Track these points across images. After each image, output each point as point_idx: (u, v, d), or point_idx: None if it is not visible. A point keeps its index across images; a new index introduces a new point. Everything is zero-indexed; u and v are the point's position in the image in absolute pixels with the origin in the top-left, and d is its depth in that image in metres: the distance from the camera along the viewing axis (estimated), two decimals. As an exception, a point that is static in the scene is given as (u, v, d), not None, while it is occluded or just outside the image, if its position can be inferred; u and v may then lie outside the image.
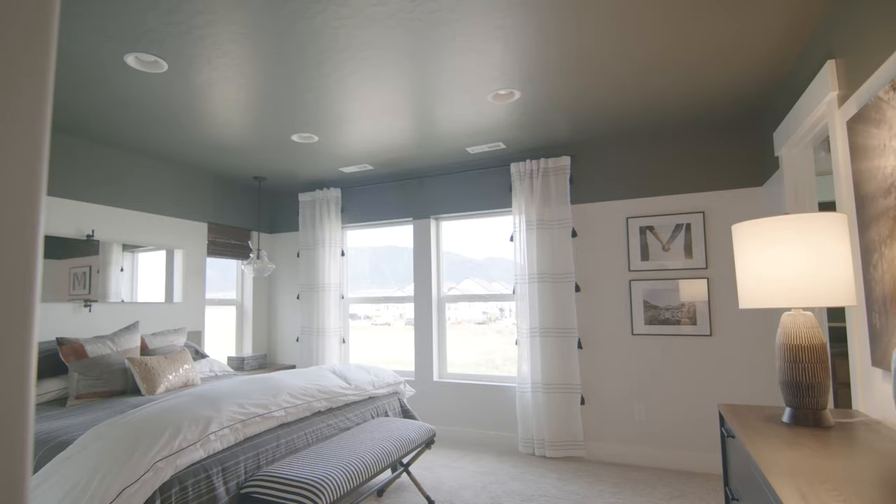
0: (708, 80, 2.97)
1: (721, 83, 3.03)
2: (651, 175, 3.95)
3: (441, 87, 3.02)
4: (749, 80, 3.00)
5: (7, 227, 0.40)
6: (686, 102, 3.31)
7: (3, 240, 0.40)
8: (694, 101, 3.30)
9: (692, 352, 3.72)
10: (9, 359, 0.40)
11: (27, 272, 0.41)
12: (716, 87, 3.07)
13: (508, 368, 4.65)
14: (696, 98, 3.24)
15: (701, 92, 3.15)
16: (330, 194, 5.14)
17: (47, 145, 0.42)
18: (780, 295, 1.53)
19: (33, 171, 0.41)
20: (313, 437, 2.69)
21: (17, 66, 0.41)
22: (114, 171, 4.04)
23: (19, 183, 0.40)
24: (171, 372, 3.35)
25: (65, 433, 2.27)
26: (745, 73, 2.89)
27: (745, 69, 2.85)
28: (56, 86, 2.90)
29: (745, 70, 2.86)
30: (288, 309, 5.53)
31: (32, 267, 0.41)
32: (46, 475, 1.84)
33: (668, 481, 3.44)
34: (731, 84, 3.04)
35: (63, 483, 1.77)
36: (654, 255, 3.87)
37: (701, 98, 3.24)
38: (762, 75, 2.93)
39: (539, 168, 4.19)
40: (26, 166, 0.41)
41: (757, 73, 2.90)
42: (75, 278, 3.73)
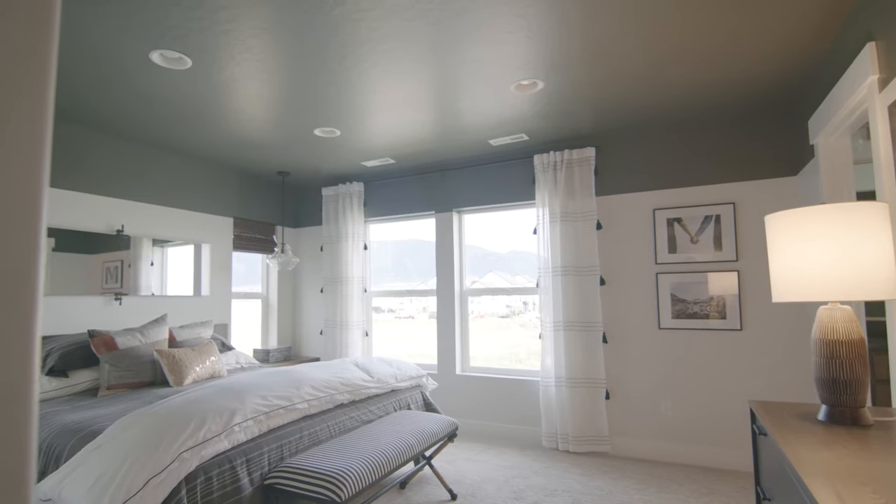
0: (739, 65, 2.87)
1: (753, 69, 2.92)
2: (679, 165, 3.85)
3: (463, 79, 2.98)
4: (783, 66, 2.88)
5: (7, 221, 0.39)
6: (716, 90, 3.20)
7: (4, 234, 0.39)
8: (724, 89, 3.19)
9: (721, 346, 3.63)
10: (10, 353, 0.39)
11: (28, 266, 0.40)
12: (747, 73, 2.96)
13: (532, 362, 4.61)
14: (727, 85, 3.13)
15: (732, 79, 3.04)
16: (352, 188, 5.16)
17: (49, 138, 0.41)
18: (817, 288, 1.47)
19: (35, 165, 0.40)
20: (336, 430, 2.71)
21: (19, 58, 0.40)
22: (141, 167, 4.13)
23: (20, 176, 0.40)
24: (198, 364, 3.42)
25: (95, 423, 2.33)
26: (779, 57, 2.78)
27: (779, 54, 2.73)
28: (84, 84, 2.96)
29: (779, 55, 2.75)
30: (312, 302, 5.59)
31: (34, 261, 0.41)
32: (77, 463, 1.89)
33: (695, 478, 3.37)
34: (763, 70, 2.93)
35: (93, 471, 1.81)
36: (681, 247, 3.78)
37: (732, 85, 3.13)
38: (797, 60, 2.81)
39: (563, 159, 4.13)
40: (27, 160, 0.40)
41: (791, 58, 2.79)
42: (108, 272, 3.83)
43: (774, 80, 3.08)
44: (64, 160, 3.60)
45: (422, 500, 3.06)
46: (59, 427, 2.35)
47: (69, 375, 3.08)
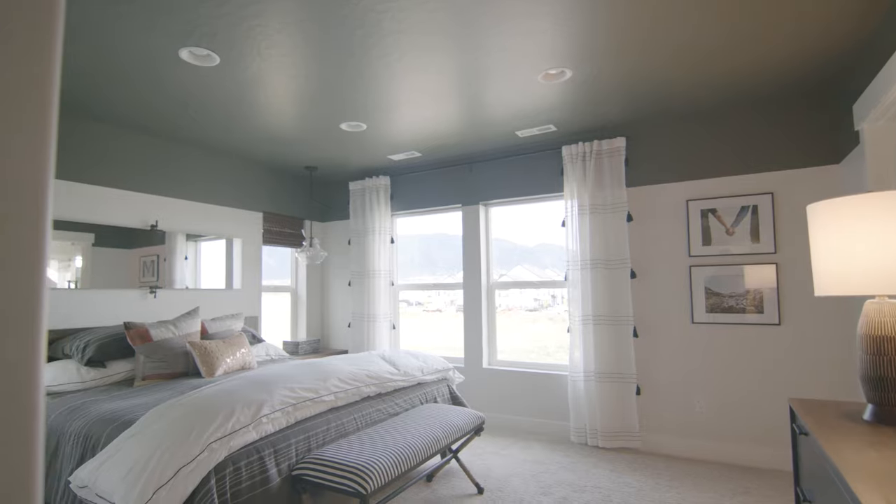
0: (780, 48, 2.74)
1: (795, 51, 2.78)
2: (714, 154, 3.71)
3: (488, 69, 2.93)
4: (826, 47, 2.74)
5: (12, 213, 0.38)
6: (755, 74, 3.07)
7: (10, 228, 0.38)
8: (763, 73, 3.06)
9: (759, 341, 3.50)
10: (15, 347, 0.38)
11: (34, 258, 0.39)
12: (788, 55, 2.83)
13: (561, 356, 4.55)
14: (766, 69, 3.00)
15: (771, 62, 2.91)
16: (379, 182, 5.17)
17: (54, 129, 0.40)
18: (864, 281, 1.38)
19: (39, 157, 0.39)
20: (363, 422, 2.72)
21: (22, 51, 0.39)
22: (173, 163, 4.22)
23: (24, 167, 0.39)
24: (228, 355, 3.48)
25: (130, 412, 2.40)
26: (822, 38, 2.64)
27: (822, 35, 2.60)
28: (115, 83, 3.03)
29: (822, 35, 2.61)
30: (340, 295, 5.65)
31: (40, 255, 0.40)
32: (112, 451, 1.95)
33: (730, 476, 3.27)
34: (805, 52, 2.79)
35: (126, 459, 1.86)
36: (716, 239, 3.66)
37: (771, 69, 3.00)
38: (841, 41, 2.67)
39: (592, 150, 4.04)
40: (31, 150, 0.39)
41: (835, 39, 2.65)
42: (145, 266, 3.94)
43: (817, 63, 2.94)
44: (99, 158, 3.71)
45: (448, 493, 3.05)
46: (97, 416, 2.42)
47: (107, 366, 3.18)
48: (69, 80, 2.99)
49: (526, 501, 2.92)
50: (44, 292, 0.40)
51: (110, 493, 1.82)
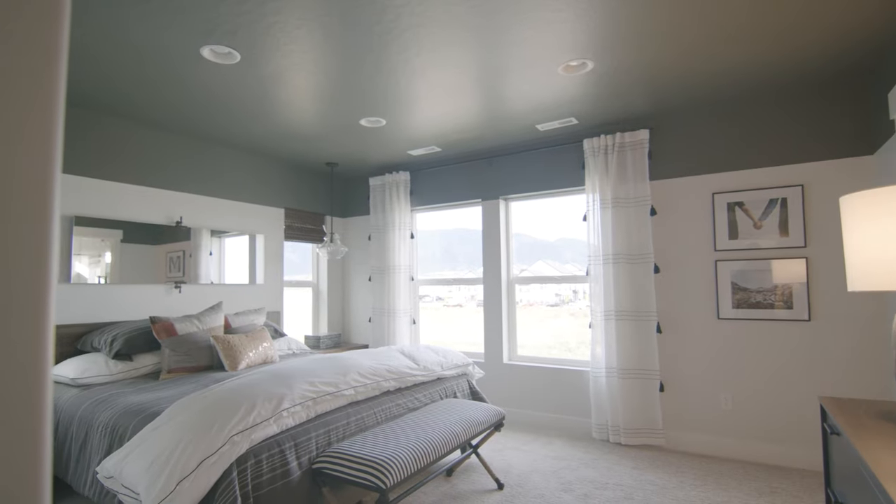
0: (811, 35, 2.64)
1: (826, 38, 2.68)
2: (741, 146, 3.61)
3: (508, 62, 2.90)
4: (859, 34, 2.63)
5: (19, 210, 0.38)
6: (784, 62, 2.97)
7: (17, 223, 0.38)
8: (793, 61, 2.95)
9: (787, 338, 3.41)
10: (22, 342, 0.38)
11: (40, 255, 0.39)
12: (819, 43, 2.73)
13: (582, 352, 4.50)
14: (797, 57, 2.90)
15: (802, 50, 2.81)
16: (399, 178, 5.17)
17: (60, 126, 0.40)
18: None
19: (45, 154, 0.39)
20: (382, 416, 2.73)
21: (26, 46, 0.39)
22: (197, 161, 4.28)
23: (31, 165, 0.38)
24: (251, 349, 3.53)
25: (155, 405, 2.45)
26: (854, 24, 2.53)
27: (854, 20, 2.49)
28: (139, 82, 3.07)
29: (854, 21, 2.50)
30: (361, 290, 5.68)
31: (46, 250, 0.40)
32: (137, 443, 1.99)
33: (756, 475, 3.20)
34: (837, 39, 2.69)
35: (151, 451, 1.90)
36: (743, 233, 3.56)
37: (801, 57, 2.90)
38: (876, 28, 2.56)
39: (614, 143, 3.97)
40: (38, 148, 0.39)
41: (869, 26, 2.54)
42: (171, 262, 4.02)
43: (850, 49, 2.82)
44: (126, 156, 3.78)
45: (468, 488, 3.05)
46: (123, 408, 2.48)
47: (133, 359, 3.25)
48: (95, 80, 3.05)
49: (546, 498, 2.90)
50: (50, 289, 0.40)
51: (135, 483, 1.86)
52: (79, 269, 3.47)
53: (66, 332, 3.34)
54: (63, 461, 2.66)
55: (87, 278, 3.52)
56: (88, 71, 2.94)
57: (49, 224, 0.39)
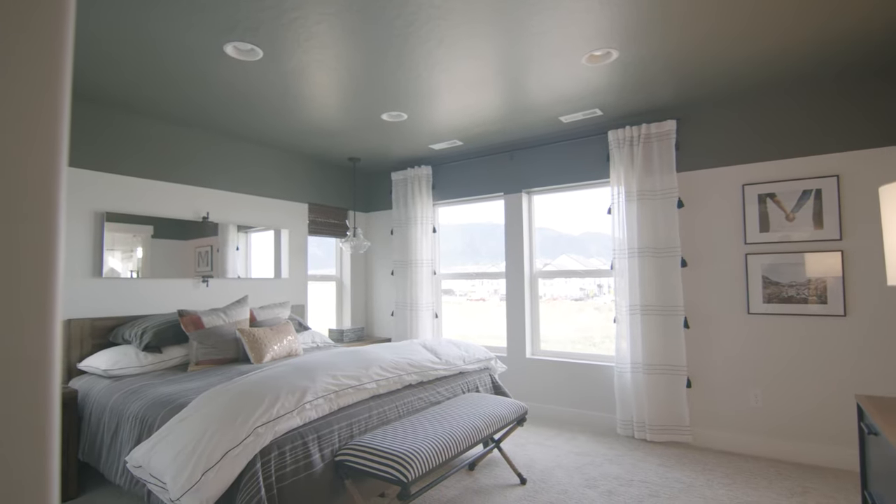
0: (848, 17, 2.53)
1: (864, 21, 2.56)
2: (773, 136, 3.50)
3: (530, 53, 2.85)
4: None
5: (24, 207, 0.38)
6: (819, 48, 2.85)
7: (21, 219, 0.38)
8: (829, 46, 2.83)
9: (821, 334, 3.30)
10: (28, 339, 0.38)
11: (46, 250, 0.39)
12: (857, 26, 2.61)
13: (607, 346, 4.44)
14: (832, 42, 2.78)
15: (838, 34, 2.69)
16: (421, 172, 5.17)
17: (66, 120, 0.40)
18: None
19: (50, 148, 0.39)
20: (404, 410, 2.74)
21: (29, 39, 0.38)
22: (223, 157, 4.35)
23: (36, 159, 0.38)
24: (276, 342, 3.58)
25: (183, 396, 2.51)
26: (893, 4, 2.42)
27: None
28: (165, 80, 3.13)
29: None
30: (383, 284, 5.71)
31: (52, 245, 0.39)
32: (165, 434, 2.04)
33: (788, 475, 3.11)
34: (877, 21, 2.56)
35: (177, 441, 1.94)
36: (775, 225, 3.45)
37: (838, 41, 2.77)
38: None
39: (640, 134, 3.88)
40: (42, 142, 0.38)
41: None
42: (199, 256, 4.11)
43: (890, 33, 2.69)
44: (155, 153, 3.86)
45: (490, 482, 3.04)
46: (152, 399, 2.55)
47: (163, 351, 3.33)
48: (122, 81, 3.11)
49: (570, 493, 2.87)
50: (57, 286, 0.40)
51: (162, 473, 1.91)
52: (112, 263, 3.57)
53: (98, 325, 3.44)
54: (95, 450, 2.75)
55: (119, 273, 3.61)
56: (116, 72, 3.00)
57: (55, 219, 0.39)
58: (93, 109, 3.52)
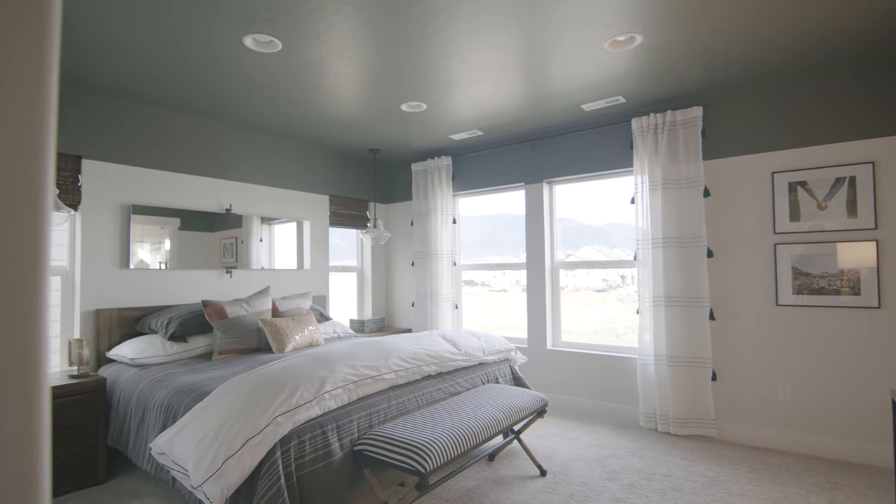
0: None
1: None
2: (804, 121, 3.37)
3: (551, 39, 2.80)
4: (944, -9, 2.38)
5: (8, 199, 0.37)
6: (852, 30, 2.73)
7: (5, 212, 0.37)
8: (863, 26, 2.70)
9: (854, 326, 3.18)
10: (13, 336, 0.37)
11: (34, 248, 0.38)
12: (893, 4, 2.48)
13: (630, 338, 4.37)
14: (868, 21, 2.65)
15: (873, 12, 2.56)
16: (441, 163, 5.14)
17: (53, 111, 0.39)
18: None
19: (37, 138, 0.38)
20: (423, 400, 2.74)
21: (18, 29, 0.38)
22: (244, 149, 4.40)
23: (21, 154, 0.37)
24: (297, 332, 3.62)
25: (206, 385, 2.55)
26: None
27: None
28: (186, 74, 3.16)
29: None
30: (404, 275, 5.72)
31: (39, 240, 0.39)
32: (187, 421, 2.08)
33: (816, 470, 3.03)
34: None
35: (200, 429, 1.98)
36: (806, 214, 3.34)
37: (873, 20, 2.65)
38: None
39: (665, 122, 3.79)
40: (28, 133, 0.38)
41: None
42: (225, 248, 4.17)
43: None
44: (180, 146, 3.92)
45: (510, 473, 3.03)
46: (177, 387, 2.60)
47: (187, 341, 3.40)
48: (142, 75, 3.15)
49: (591, 486, 2.85)
50: (44, 282, 0.39)
51: (184, 459, 1.95)
52: (141, 255, 3.65)
53: (126, 315, 3.53)
54: (124, 436, 2.83)
55: (149, 264, 3.70)
56: (137, 67, 3.04)
57: (41, 212, 0.39)
58: (115, 104, 3.59)
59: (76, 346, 3.06)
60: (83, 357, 3.06)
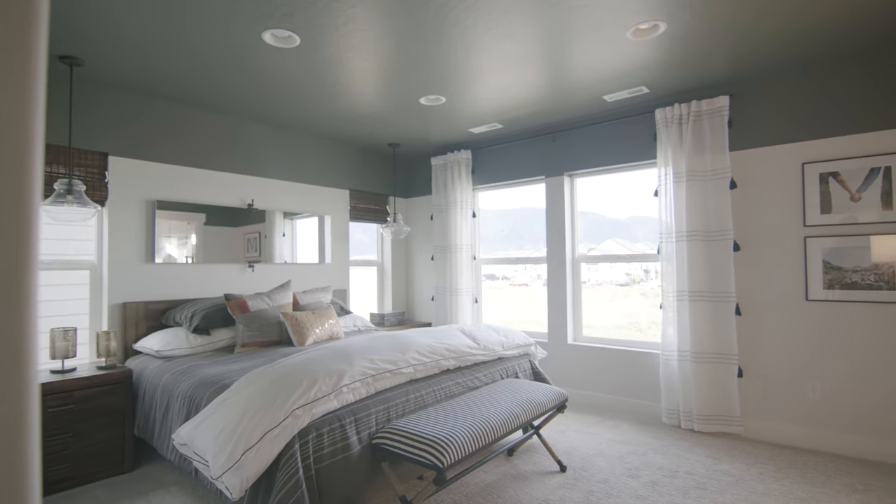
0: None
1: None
2: (836, 110, 3.24)
3: (572, 29, 2.74)
4: None
5: None
6: (884, 11, 2.61)
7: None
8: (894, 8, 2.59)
9: (889, 322, 3.07)
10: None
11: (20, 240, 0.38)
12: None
13: (654, 333, 4.30)
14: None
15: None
16: (460, 156, 5.12)
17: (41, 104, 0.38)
18: None
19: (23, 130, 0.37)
20: (442, 395, 2.74)
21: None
22: (265, 145, 4.44)
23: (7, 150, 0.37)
24: (317, 326, 3.65)
25: (228, 377, 2.59)
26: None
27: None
28: (208, 70, 3.19)
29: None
30: (424, 269, 5.72)
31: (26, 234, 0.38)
32: (208, 413, 2.11)
33: (847, 470, 2.93)
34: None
35: (219, 421, 2.01)
36: (838, 206, 3.22)
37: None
38: None
39: (690, 112, 3.69)
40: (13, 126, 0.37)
41: None
42: (248, 243, 4.24)
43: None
44: (204, 143, 3.98)
45: (529, 469, 3.01)
46: (200, 379, 2.65)
47: (210, 333, 3.46)
48: (162, 72, 3.20)
49: (611, 483, 2.81)
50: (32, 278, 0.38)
51: (204, 451, 1.98)
52: (169, 249, 3.74)
53: (152, 308, 3.61)
54: (149, 426, 2.89)
55: (176, 258, 3.78)
56: (158, 64, 3.08)
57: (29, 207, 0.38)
58: (138, 101, 3.65)
59: (104, 339, 3.14)
60: (111, 349, 3.14)
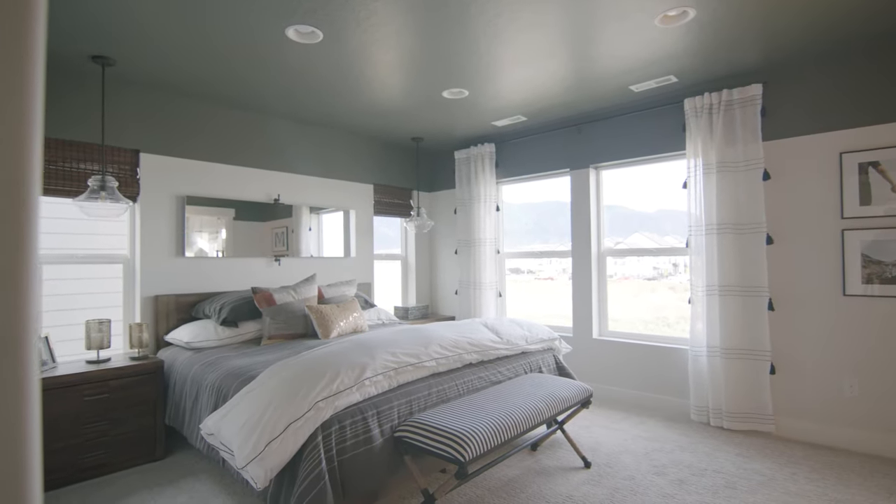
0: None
1: None
2: (877, 96, 3.10)
3: (597, 17, 2.68)
4: None
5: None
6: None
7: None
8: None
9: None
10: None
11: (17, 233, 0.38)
12: None
13: (682, 327, 4.21)
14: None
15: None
16: (484, 150, 5.08)
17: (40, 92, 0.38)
18: None
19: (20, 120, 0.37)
20: (464, 389, 2.73)
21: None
22: (290, 140, 4.49)
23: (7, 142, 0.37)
24: (342, 319, 3.69)
25: (254, 369, 2.64)
26: None
27: None
28: (233, 67, 3.23)
29: None
30: (447, 263, 5.72)
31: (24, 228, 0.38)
32: (234, 404, 2.15)
33: (886, 472, 2.82)
34: None
35: (244, 412, 2.04)
36: (878, 197, 3.09)
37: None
38: None
39: (720, 101, 3.58)
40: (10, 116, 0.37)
41: None
42: (276, 237, 4.31)
43: None
44: (232, 140, 4.05)
45: (553, 464, 2.99)
46: (227, 371, 2.70)
47: (238, 326, 3.53)
48: (189, 70, 3.25)
49: (637, 480, 2.77)
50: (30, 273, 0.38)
51: (230, 441, 2.02)
52: (200, 244, 3.83)
53: (182, 301, 3.70)
54: (180, 416, 2.97)
55: (207, 252, 3.88)
56: (185, 63, 3.14)
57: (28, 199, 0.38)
58: (167, 99, 3.73)
59: (136, 330, 3.23)
60: (143, 340, 3.23)
